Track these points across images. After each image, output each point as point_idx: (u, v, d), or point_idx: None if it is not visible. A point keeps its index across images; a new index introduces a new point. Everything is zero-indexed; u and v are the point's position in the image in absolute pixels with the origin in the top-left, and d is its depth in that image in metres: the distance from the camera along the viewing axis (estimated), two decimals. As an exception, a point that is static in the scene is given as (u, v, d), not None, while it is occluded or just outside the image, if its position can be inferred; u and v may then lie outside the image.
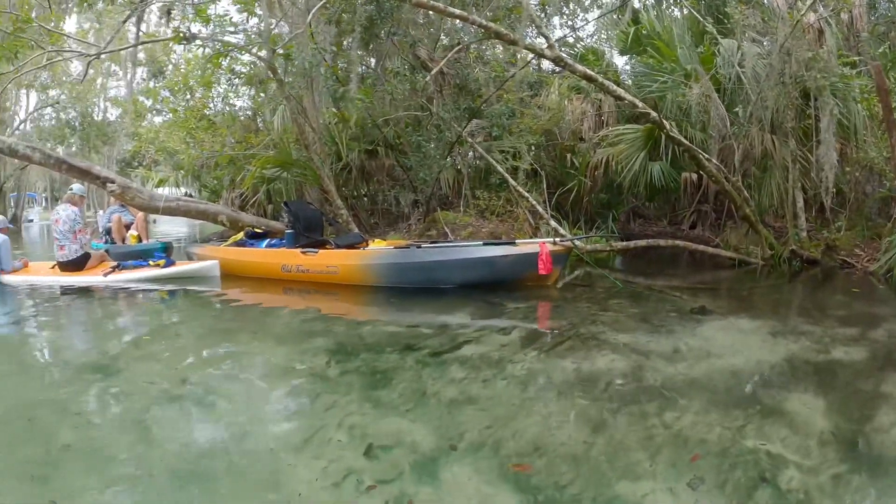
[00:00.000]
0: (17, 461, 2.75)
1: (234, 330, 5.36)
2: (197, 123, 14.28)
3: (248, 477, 2.51)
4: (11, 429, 3.14)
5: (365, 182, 11.41)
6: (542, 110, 10.17)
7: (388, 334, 4.75)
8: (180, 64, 18.60)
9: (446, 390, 3.38)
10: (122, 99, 27.93)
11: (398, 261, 6.71)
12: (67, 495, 2.42)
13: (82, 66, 24.57)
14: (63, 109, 27.14)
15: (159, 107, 20.99)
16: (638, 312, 5.20)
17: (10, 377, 4.20)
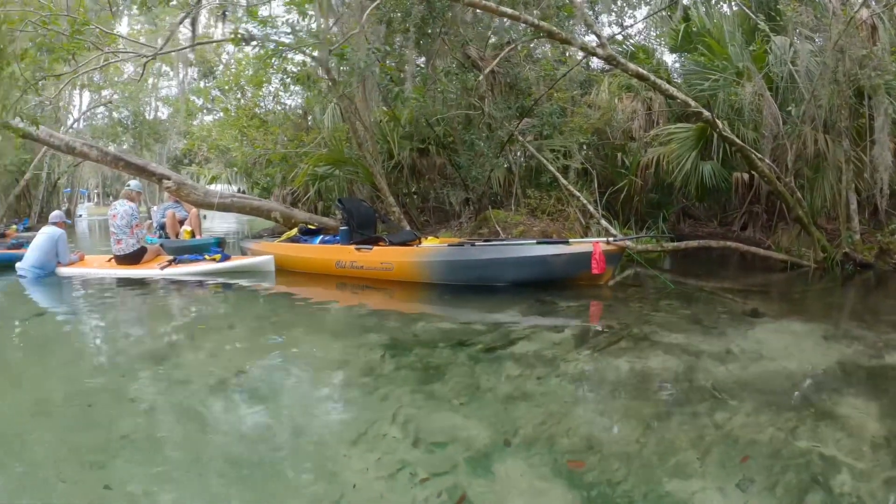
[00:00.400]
0: (76, 447, 2.86)
1: (289, 324, 5.49)
2: (248, 122, 14.50)
3: (303, 468, 2.59)
4: (71, 415, 3.29)
5: (416, 180, 11.49)
6: (593, 109, 10.13)
7: (441, 330, 4.81)
8: (231, 64, 18.89)
9: (500, 386, 3.44)
10: (173, 98, 28.44)
11: (452, 258, 6.75)
12: (122, 482, 2.51)
13: (134, 67, 25.27)
14: (116, 109, 27.74)
15: (210, 106, 21.34)
16: (690, 313, 5.19)
17: (70, 365, 4.42)
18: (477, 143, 9.40)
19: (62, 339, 5.43)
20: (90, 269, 9.02)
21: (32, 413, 3.35)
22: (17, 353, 4.98)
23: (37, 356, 4.79)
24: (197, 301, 7.05)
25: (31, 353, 4.94)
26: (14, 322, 6.17)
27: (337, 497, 2.32)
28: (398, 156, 10.55)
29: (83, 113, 28.04)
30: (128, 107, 27.01)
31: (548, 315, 5.39)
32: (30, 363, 4.57)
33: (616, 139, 10.04)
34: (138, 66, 24.73)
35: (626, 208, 9.64)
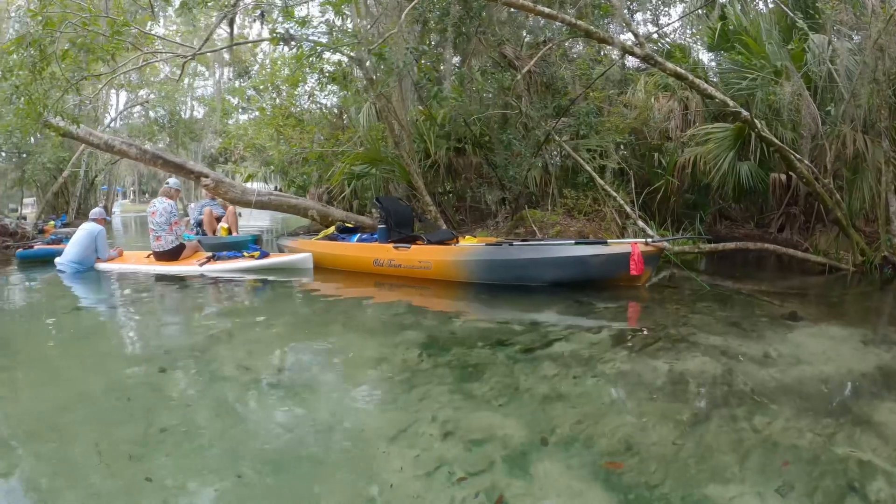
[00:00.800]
0: (116, 440, 2.93)
1: (327, 321, 5.56)
2: (284, 121, 14.64)
3: (340, 465, 2.62)
4: (111, 407, 3.38)
5: (452, 179, 11.52)
6: (629, 108, 10.08)
7: (479, 330, 4.84)
8: (266, 64, 19.07)
9: (538, 386, 3.46)
10: (209, 97, 28.86)
11: (491, 258, 6.78)
12: (162, 474, 2.56)
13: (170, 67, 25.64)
14: (152, 108, 28.19)
15: (245, 105, 21.55)
16: (727, 316, 5.16)
17: (109, 358, 4.53)
18: (514, 142, 9.40)
19: (101, 332, 5.58)
20: (129, 264, 9.25)
21: (72, 405, 3.44)
22: (58, 346, 5.11)
23: (77, 349, 4.93)
24: (235, 297, 7.17)
25: (71, 346, 5.08)
26: (54, 315, 6.35)
27: (374, 494, 2.36)
28: (434, 155, 10.60)
29: (120, 112, 28.59)
30: (164, 106, 27.46)
31: (585, 316, 5.39)
32: (70, 356, 4.71)
33: (653, 139, 9.96)
34: (174, 67, 25.31)
35: (662, 209, 9.57)
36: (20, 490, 2.50)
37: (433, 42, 10.24)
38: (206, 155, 30.49)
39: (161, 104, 27.52)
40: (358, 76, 12.04)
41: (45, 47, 8.16)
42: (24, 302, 7.63)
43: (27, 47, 8.14)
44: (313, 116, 15.52)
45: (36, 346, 5.13)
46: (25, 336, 5.53)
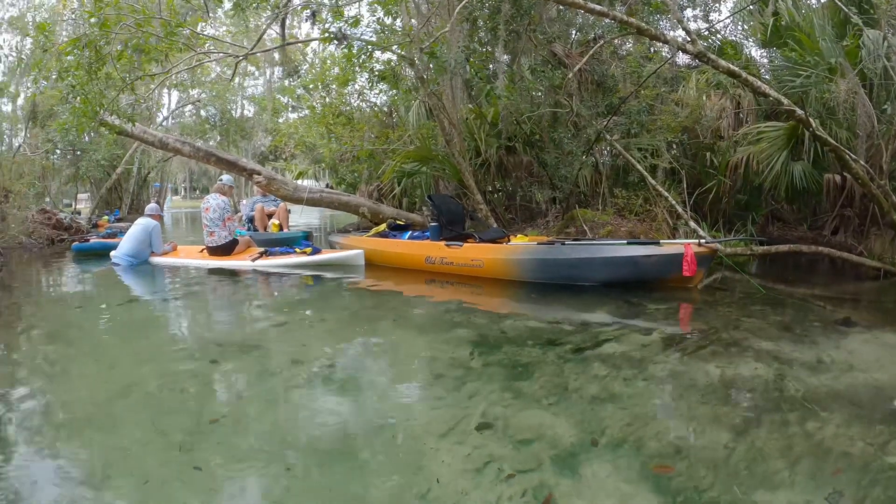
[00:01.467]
0: (168, 428, 3.03)
1: (378, 317, 5.65)
2: (335, 119, 14.78)
3: (389, 459, 2.68)
4: (163, 397, 3.49)
5: (502, 178, 11.52)
6: (679, 107, 9.96)
7: (529, 329, 4.86)
8: (315, 63, 19.26)
9: (588, 386, 3.48)
10: (259, 96, 29.30)
11: (543, 256, 6.78)
12: (211, 464, 2.64)
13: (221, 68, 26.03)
14: (204, 107, 28.70)
15: (295, 104, 21.79)
16: (780, 320, 5.09)
17: (163, 349, 4.70)
18: (565, 141, 9.36)
19: (155, 324, 5.76)
20: (182, 259, 9.53)
21: (126, 394, 3.58)
22: (112, 336, 5.33)
23: (131, 340, 5.12)
24: (286, 292, 7.32)
25: (126, 336, 5.27)
26: (109, 307, 6.59)
27: (423, 490, 2.39)
28: (485, 153, 10.61)
29: (172, 111, 29.17)
30: (215, 105, 27.92)
31: (636, 317, 5.36)
32: (124, 346, 4.89)
33: (705, 138, 9.81)
34: (225, 67, 25.74)
35: (714, 210, 9.42)
36: (74, 475, 2.60)
37: (481, 40, 10.24)
38: (257, 153, 30.95)
39: (212, 103, 28.00)
40: (407, 75, 12.12)
41: (101, 48, 8.38)
42: (80, 293, 7.91)
43: (83, 48, 8.37)
44: (363, 115, 15.64)
45: (91, 336, 5.34)
46: (81, 326, 5.74)
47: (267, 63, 28.46)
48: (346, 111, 15.48)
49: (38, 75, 11.73)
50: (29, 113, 22.21)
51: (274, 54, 26.17)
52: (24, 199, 14.24)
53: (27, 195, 14.86)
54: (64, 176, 25.27)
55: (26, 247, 13.00)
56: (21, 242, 13.03)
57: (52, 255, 12.18)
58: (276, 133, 23.69)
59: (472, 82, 10.08)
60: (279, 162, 25.37)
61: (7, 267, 10.13)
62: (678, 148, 9.87)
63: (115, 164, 24.04)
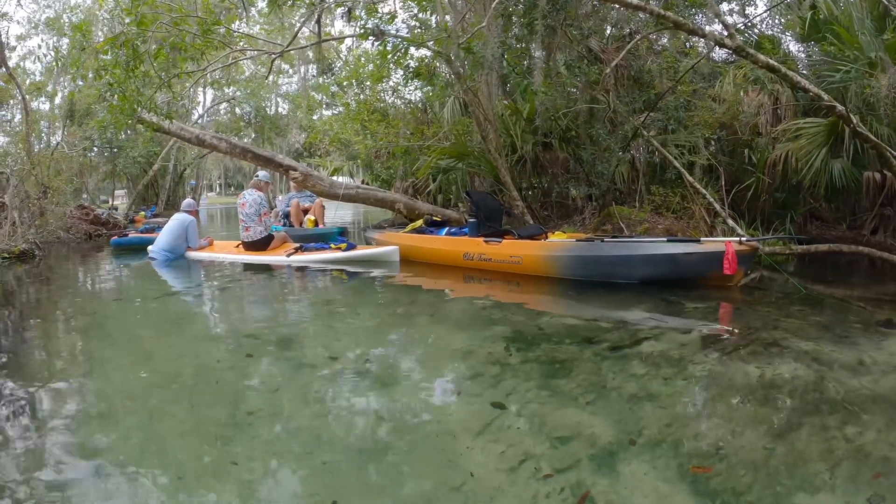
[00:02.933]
0: (204, 421, 3.10)
1: (414, 313, 5.68)
2: (369, 116, 14.84)
3: (425, 456, 2.68)
4: (199, 390, 3.55)
5: (537, 174, 11.48)
6: (716, 102, 9.84)
7: (566, 326, 4.85)
8: (349, 60, 19.37)
9: (626, 385, 3.46)
10: (293, 94, 29.60)
11: (583, 253, 6.74)
12: (248, 458, 2.67)
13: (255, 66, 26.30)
14: (238, 105, 29.06)
15: (329, 101, 21.94)
16: (820, 321, 5.02)
17: (199, 342, 4.80)
18: (603, 137, 9.30)
19: (191, 317, 5.90)
20: (219, 253, 9.67)
21: (162, 387, 3.64)
22: (149, 329, 5.40)
23: (167, 333, 5.22)
24: (322, 287, 7.41)
25: (162, 329, 5.36)
26: (146, 300, 6.72)
27: (457, 485, 2.41)
28: (521, 149, 10.58)
29: (207, 109, 29.59)
30: (250, 103, 28.26)
31: (674, 315, 5.33)
32: (161, 339, 5.00)
33: (742, 134, 9.67)
34: (259, 65, 25.99)
35: (752, 208, 9.28)
36: (111, 466, 2.63)
37: (516, 35, 10.20)
38: (292, 150, 31.27)
39: (247, 100, 28.32)
40: (442, 71, 12.13)
41: (138, 47, 8.50)
42: (117, 287, 8.09)
43: (120, 46, 8.50)
44: (398, 111, 15.69)
45: (129, 328, 5.44)
46: (118, 319, 5.85)
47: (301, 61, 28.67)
48: (380, 108, 15.53)
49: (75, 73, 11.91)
50: (67, 111, 22.71)
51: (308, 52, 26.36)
52: (62, 196, 14.55)
53: (65, 191, 15.11)
54: (101, 173, 25.74)
55: (64, 241, 13.31)
56: (59, 237, 13.35)
57: (90, 249, 12.50)
58: (310, 130, 23.87)
59: (508, 78, 10.02)
60: (314, 158, 25.60)
61: (46, 261, 10.35)
62: (716, 145, 9.74)
63: (152, 161, 24.53)
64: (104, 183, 28.41)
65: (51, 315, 6.16)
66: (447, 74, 12.16)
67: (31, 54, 23.20)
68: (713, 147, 9.71)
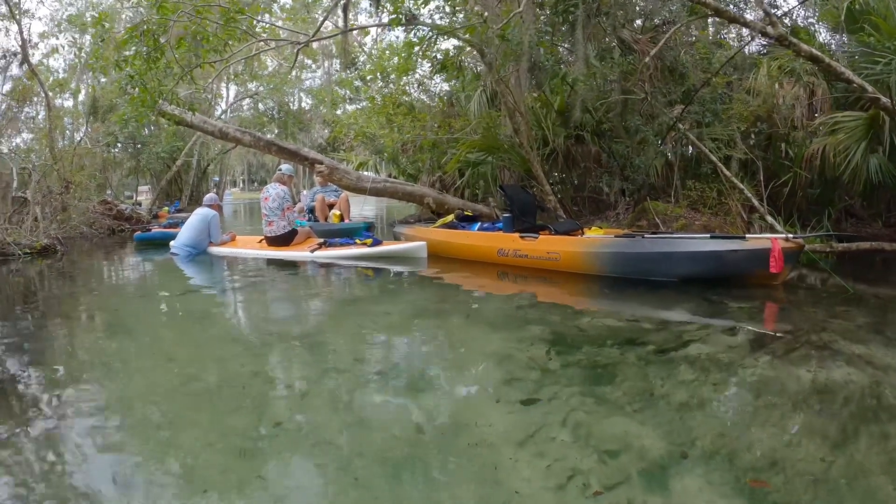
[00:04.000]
0: (228, 431, 2.98)
1: (447, 312, 5.56)
2: (395, 109, 14.73)
3: (463, 471, 2.54)
4: (224, 396, 3.47)
5: (569, 168, 11.26)
6: (751, 95, 9.56)
7: (607, 327, 4.70)
8: (374, 53, 19.32)
9: (675, 392, 3.33)
10: (317, 88, 29.74)
11: (623, 250, 6.54)
12: (275, 471, 2.57)
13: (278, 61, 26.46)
14: (262, 100, 29.24)
15: (353, 96, 21.93)
16: (868, 322, 4.83)
17: (223, 343, 4.71)
18: (641, 129, 9.09)
19: (214, 317, 5.79)
20: (241, 249, 9.67)
21: (184, 392, 3.58)
22: (170, 329, 5.38)
23: (189, 333, 5.17)
24: (347, 285, 7.31)
25: (184, 329, 5.33)
26: (168, 298, 6.73)
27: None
28: (553, 142, 10.39)
29: (231, 104, 29.83)
30: (273, 98, 28.42)
31: (718, 315, 5.15)
32: (183, 340, 4.94)
33: (779, 128, 9.36)
34: (282, 60, 26.06)
35: (787, 204, 9.00)
36: (129, 478, 2.55)
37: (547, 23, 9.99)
38: (315, 145, 31.39)
39: (270, 96, 28.45)
40: (469, 63, 12.00)
41: (158, 37, 8.45)
42: (139, 283, 8.15)
43: (139, 36, 8.44)
44: (424, 105, 15.58)
45: (151, 327, 5.40)
46: (141, 317, 5.84)
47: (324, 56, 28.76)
48: (406, 101, 15.43)
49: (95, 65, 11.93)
50: (90, 107, 22.90)
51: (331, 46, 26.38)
52: (84, 191, 14.78)
53: (87, 187, 15.33)
54: (125, 168, 26.01)
55: (87, 237, 13.47)
56: (82, 232, 13.55)
57: (113, 244, 12.67)
58: (334, 124, 23.87)
59: (542, 66, 9.79)
60: (338, 153, 25.64)
61: (68, 256, 10.43)
62: (754, 138, 9.49)
63: (175, 156, 24.75)
64: (128, 179, 28.74)
65: (71, 312, 6.16)
66: (474, 66, 12.02)
67: (54, 52, 23.35)
68: (752, 140, 9.44)
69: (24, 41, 15.94)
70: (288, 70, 22.98)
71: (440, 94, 16.15)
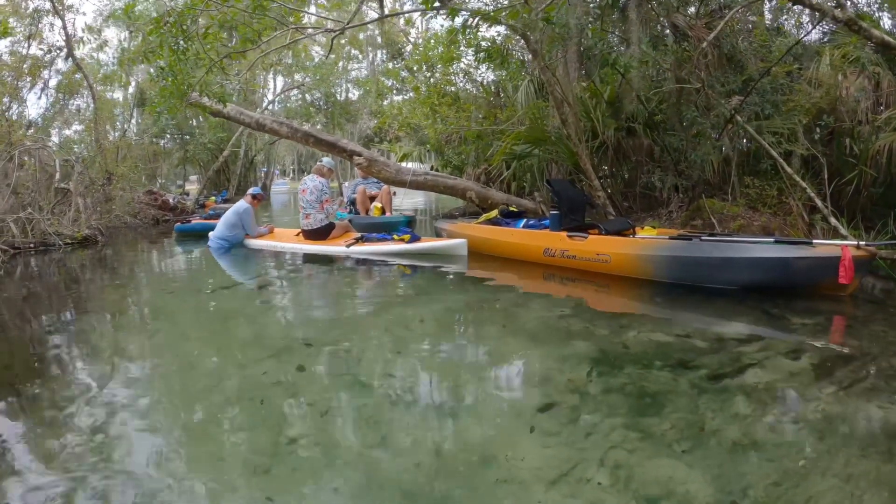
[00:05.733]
0: (242, 446, 2.88)
1: (484, 320, 5.25)
2: (440, 99, 14.46)
3: None
4: (244, 408, 3.32)
5: (619, 162, 10.73)
6: (811, 86, 8.97)
7: (656, 344, 4.32)
8: (419, 43, 19.16)
9: (727, 428, 2.99)
10: (363, 79, 29.95)
11: (680, 254, 6.06)
12: (286, 497, 2.43)
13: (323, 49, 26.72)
14: (308, 91, 29.51)
15: (399, 86, 21.83)
16: (950, 345, 4.35)
17: (248, 348, 4.50)
18: (698, 121, 8.60)
19: (242, 318, 5.54)
20: (277, 242, 9.55)
21: (203, 402, 3.43)
22: (198, 329, 5.26)
23: (216, 335, 5.00)
24: (383, 285, 7.06)
25: (212, 331, 5.18)
26: (199, 294, 6.62)
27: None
28: (602, 135, 9.94)
29: (277, 95, 30.25)
30: (319, 89, 28.69)
31: (780, 332, 4.71)
32: (207, 344, 4.76)
33: (844, 122, 8.71)
34: (320, 47, 26.16)
35: (851, 204, 8.30)
36: (134, 491, 2.48)
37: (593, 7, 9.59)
38: (362, 136, 31.54)
39: (317, 87, 28.66)
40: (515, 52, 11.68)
41: (187, 26, 8.28)
42: (173, 277, 8.20)
43: (164, 24, 8.29)
44: (469, 95, 15.30)
45: (177, 327, 5.30)
46: (168, 316, 5.76)
47: (370, 47, 28.81)
48: (451, 91, 15.16)
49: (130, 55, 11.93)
50: (138, 99, 23.31)
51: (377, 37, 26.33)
52: (127, 181, 14.99)
53: (130, 177, 15.59)
54: (175, 158, 26.50)
55: (131, 227, 13.70)
56: (126, 223, 13.81)
57: (157, 235, 12.82)
58: (380, 115, 23.80)
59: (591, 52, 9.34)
60: (384, 144, 25.61)
61: (108, 247, 10.60)
62: (819, 132, 8.89)
63: (222, 147, 25.10)
64: (178, 169, 29.25)
65: (98, 308, 6.10)
66: (522, 55, 11.68)
67: (101, 46, 23.76)
68: (818, 133, 8.86)
69: (68, 36, 16.22)
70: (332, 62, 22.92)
71: (486, 84, 15.88)
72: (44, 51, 16.87)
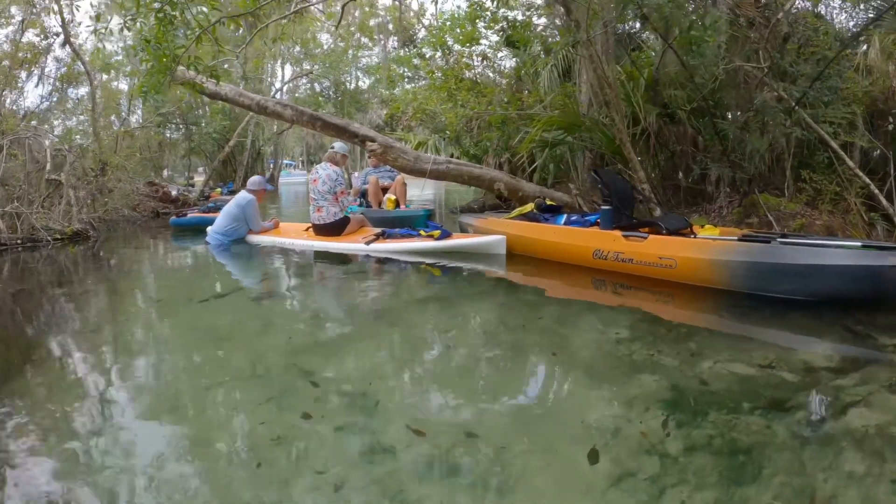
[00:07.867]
0: None
1: (530, 345, 4.39)
2: (458, 84, 13.64)
3: None
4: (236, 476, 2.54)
5: (661, 151, 9.81)
6: (860, 74, 8.13)
7: (739, 378, 3.51)
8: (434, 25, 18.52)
9: (844, 494, 2.27)
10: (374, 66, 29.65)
11: (762, 259, 5.18)
12: None
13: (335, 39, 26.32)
14: (317, 79, 29.19)
15: (411, 74, 21.23)
16: None
17: (244, 384, 3.66)
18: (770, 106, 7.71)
19: (238, 339, 4.68)
20: (284, 238, 8.73)
21: (184, 462, 2.66)
22: (184, 355, 4.36)
23: (206, 364, 4.14)
24: (408, 290, 6.24)
25: (202, 357, 4.29)
26: (190, 305, 5.73)
27: None
28: (644, 121, 9.06)
29: (285, 83, 29.99)
30: (329, 77, 28.41)
31: (873, 357, 3.90)
32: (195, 376, 3.89)
33: (894, 110, 7.98)
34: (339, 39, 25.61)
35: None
36: None
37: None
38: (373, 125, 31.21)
39: (326, 75, 28.27)
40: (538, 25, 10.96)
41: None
42: (163, 281, 7.35)
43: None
44: (488, 80, 14.56)
45: (160, 351, 4.45)
46: (152, 334, 4.95)
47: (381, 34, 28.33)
48: (469, 76, 14.38)
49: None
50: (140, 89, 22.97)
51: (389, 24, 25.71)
52: (126, 172, 14.36)
53: (129, 168, 14.96)
54: (181, 149, 26.18)
55: (130, 220, 13.25)
56: (125, 215, 13.26)
57: (156, 228, 12.32)
58: (391, 102, 23.17)
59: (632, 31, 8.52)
60: (396, 132, 25.04)
61: (100, 243, 9.96)
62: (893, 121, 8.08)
63: (228, 136, 24.75)
64: (184, 160, 28.86)
65: (68, 325, 5.20)
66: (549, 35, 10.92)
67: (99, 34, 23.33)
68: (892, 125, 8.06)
69: (63, 21, 15.70)
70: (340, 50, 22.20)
71: (505, 69, 15.14)
72: (40, 38, 16.41)
